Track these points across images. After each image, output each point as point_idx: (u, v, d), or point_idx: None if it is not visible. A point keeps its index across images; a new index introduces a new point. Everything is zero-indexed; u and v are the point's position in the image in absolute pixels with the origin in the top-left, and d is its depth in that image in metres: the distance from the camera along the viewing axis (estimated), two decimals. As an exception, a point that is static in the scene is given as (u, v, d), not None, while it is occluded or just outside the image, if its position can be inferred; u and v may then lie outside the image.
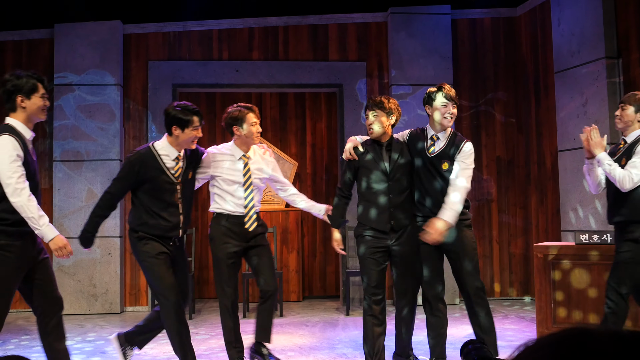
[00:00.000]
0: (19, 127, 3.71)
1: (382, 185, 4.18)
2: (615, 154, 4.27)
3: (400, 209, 4.20)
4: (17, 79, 3.69)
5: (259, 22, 7.94)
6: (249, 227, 4.34)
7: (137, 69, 7.79)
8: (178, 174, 4.18)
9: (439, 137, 4.24)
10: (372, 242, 4.20)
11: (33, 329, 6.38)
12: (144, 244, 4.13)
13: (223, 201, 4.37)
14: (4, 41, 7.75)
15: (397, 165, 4.19)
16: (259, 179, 4.46)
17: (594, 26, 6.40)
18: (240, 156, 4.40)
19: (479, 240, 7.96)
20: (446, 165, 4.18)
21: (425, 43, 7.79)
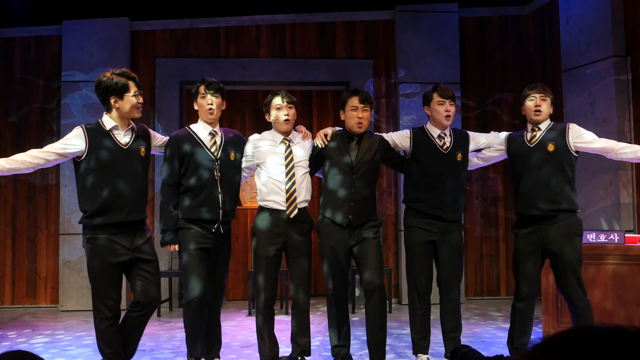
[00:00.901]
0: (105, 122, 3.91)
1: (345, 178, 4.20)
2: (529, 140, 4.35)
3: (361, 205, 4.20)
4: (107, 81, 3.85)
5: (266, 19, 7.95)
6: (289, 213, 4.14)
7: (145, 66, 7.80)
8: (214, 149, 4.15)
9: (445, 133, 4.39)
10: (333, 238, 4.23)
11: (39, 325, 6.42)
12: (182, 235, 4.09)
13: (267, 190, 4.20)
14: (12, 38, 7.77)
15: (363, 160, 4.22)
16: (304, 160, 4.29)
17: (602, 24, 6.37)
18: (282, 140, 4.28)
19: (485, 239, 7.95)
20: (460, 156, 4.34)
21: (432, 41, 7.77)
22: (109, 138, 3.87)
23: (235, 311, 7.21)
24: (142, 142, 4.02)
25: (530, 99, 4.31)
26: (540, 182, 4.16)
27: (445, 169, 4.30)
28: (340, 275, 4.27)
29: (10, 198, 7.64)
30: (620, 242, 5.02)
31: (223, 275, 4.30)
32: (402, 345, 5.31)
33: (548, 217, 4.16)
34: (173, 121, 7.74)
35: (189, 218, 4.09)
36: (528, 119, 4.36)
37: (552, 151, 4.18)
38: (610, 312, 5.02)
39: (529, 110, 4.30)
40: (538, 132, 4.27)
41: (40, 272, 7.65)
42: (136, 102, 3.91)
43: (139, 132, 4.06)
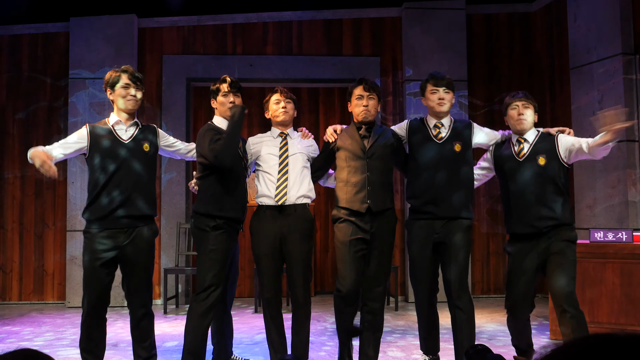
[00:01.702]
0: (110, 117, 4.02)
1: (360, 163, 4.06)
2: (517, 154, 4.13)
3: (379, 189, 4.05)
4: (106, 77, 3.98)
5: (273, 16, 7.94)
6: (278, 201, 4.02)
7: (152, 63, 7.81)
8: (240, 146, 4.13)
9: (442, 123, 4.20)
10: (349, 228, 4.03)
11: (46, 321, 6.44)
12: (215, 237, 3.99)
13: (262, 185, 4.14)
14: (20, 34, 7.79)
15: (377, 144, 4.09)
16: (300, 154, 4.19)
17: (610, 22, 6.34)
18: (279, 134, 4.26)
19: (492, 236, 7.93)
20: (459, 147, 4.12)
21: (439, 38, 7.75)
22: (109, 133, 3.93)
23: (243, 308, 7.21)
24: (146, 138, 4.02)
25: (512, 108, 4.12)
26: (534, 198, 3.95)
27: (439, 160, 4.09)
28: (354, 274, 4.01)
29: (17, 194, 7.66)
30: (629, 241, 5.00)
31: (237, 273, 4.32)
32: (409, 345, 5.30)
33: (542, 233, 3.95)
34: (179, 118, 7.74)
35: (226, 217, 4.02)
36: (512, 129, 4.17)
37: (544, 165, 3.98)
38: (618, 311, 5.00)
39: (512, 120, 4.11)
40: (525, 145, 4.06)
41: (47, 269, 7.68)
42: (125, 93, 3.94)
43: (145, 128, 4.07)
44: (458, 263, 4.04)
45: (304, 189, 4.13)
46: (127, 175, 3.87)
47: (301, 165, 4.17)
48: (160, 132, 4.21)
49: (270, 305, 4.14)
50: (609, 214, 6.36)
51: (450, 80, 4.24)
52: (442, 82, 4.17)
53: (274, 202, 4.06)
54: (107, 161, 3.86)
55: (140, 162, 3.94)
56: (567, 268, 3.89)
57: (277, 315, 4.16)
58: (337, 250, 4.06)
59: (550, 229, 3.95)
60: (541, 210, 3.95)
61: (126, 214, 3.85)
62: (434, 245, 4.10)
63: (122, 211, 3.84)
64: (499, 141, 4.26)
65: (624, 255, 4.99)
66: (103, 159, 3.86)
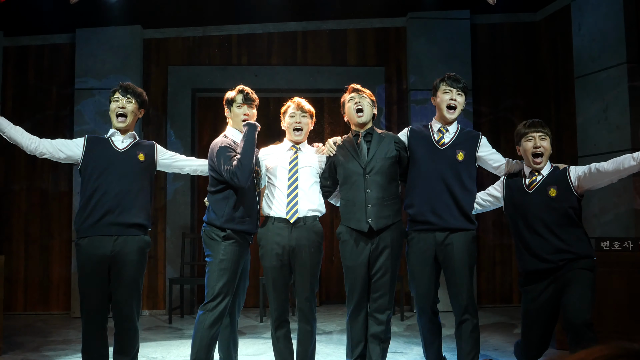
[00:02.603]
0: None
1: (358, 179, 3.97)
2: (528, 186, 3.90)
3: (380, 206, 3.94)
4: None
5: (278, 27, 7.97)
6: (289, 217, 3.96)
7: (157, 74, 7.84)
8: None
9: (447, 129, 4.06)
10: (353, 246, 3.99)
11: (52, 331, 6.43)
12: (225, 247, 3.96)
13: (271, 197, 4.09)
14: (26, 46, 7.84)
15: (375, 157, 3.99)
16: (310, 167, 4.12)
17: (615, 31, 6.34)
18: (290, 146, 4.19)
19: (498, 246, 7.90)
20: (462, 155, 3.97)
21: (444, 48, 7.76)
22: (105, 142, 4.03)
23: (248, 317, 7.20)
24: (142, 149, 4.06)
25: (528, 139, 3.85)
26: (546, 232, 3.75)
27: (439, 167, 3.94)
28: (360, 291, 4.00)
29: (23, 205, 7.68)
30: (635, 250, 4.98)
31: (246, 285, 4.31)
32: (415, 354, 5.28)
33: (559, 267, 3.72)
34: (185, 128, 7.76)
35: (236, 229, 3.99)
36: (526, 163, 3.90)
37: (554, 196, 3.75)
38: (625, 320, 4.97)
39: (527, 153, 3.84)
40: (538, 177, 3.85)
41: (53, 279, 7.68)
42: (115, 108, 4.04)
43: (142, 142, 4.14)
44: (463, 277, 3.94)
45: (314, 202, 4.08)
46: (118, 182, 3.89)
47: (311, 178, 4.11)
48: (158, 148, 4.23)
49: (277, 317, 4.09)
50: (615, 222, 6.34)
51: (466, 85, 4.11)
52: (457, 84, 4.05)
53: (283, 215, 4.02)
54: (98, 167, 3.91)
55: (133, 171, 3.96)
56: (582, 295, 3.66)
57: (284, 325, 4.11)
58: (345, 270, 4.05)
59: (566, 263, 3.72)
60: (555, 244, 3.73)
61: (114, 221, 3.85)
62: (435, 257, 4.00)
63: (110, 217, 3.85)
64: (505, 172, 4.04)
65: (630, 265, 4.97)
66: (95, 165, 3.92)
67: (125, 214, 3.88)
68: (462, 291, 3.94)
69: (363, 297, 4.03)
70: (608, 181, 3.79)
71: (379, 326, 4.01)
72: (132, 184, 3.93)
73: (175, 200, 7.69)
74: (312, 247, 4.03)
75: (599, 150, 6.32)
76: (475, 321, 3.98)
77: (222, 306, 3.91)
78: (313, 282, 4.08)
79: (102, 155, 3.94)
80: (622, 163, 3.62)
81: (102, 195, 3.86)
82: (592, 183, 3.80)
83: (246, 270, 4.23)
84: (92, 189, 3.88)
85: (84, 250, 3.86)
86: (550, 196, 3.76)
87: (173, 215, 7.67)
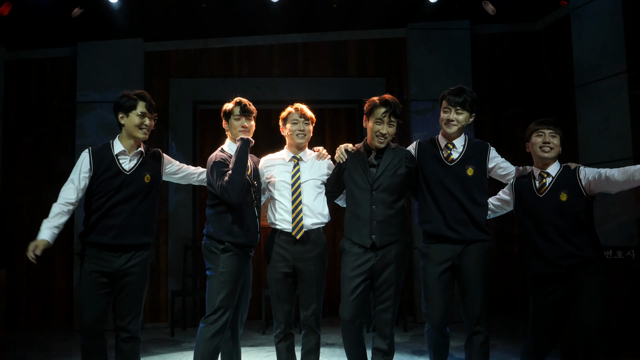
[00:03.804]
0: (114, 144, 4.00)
1: (365, 195, 3.95)
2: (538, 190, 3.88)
3: (385, 224, 3.94)
4: (120, 98, 3.96)
5: (278, 39, 7.99)
6: (295, 234, 4.01)
7: (158, 86, 7.85)
8: (249, 172, 4.10)
9: (454, 144, 4.04)
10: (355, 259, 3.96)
11: (54, 345, 6.41)
12: (225, 259, 3.99)
13: (274, 210, 4.13)
14: (28, 59, 7.87)
15: (384, 174, 3.96)
16: (313, 180, 4.15)
17: (615, 40, 6.34)
18: (291, 158, 4.21)
19: (501, 256, 7.87)
20: (471, 170, 3.96)
21: (444, 59, 7.77)
22: (112, 162, 3.90)
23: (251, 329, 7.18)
24: (148, 168, 4.01)
25: (538, 134, 3.90)
26: (557, 236, 3.74)
27: (450, 183, 3.93)
28: (359, 305, 3.98)
29: (25, 219, 7.67)
30: (638, 259, 4.96)
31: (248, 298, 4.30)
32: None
33: (570, 272, 3.73)
34: (186, 140, 7.77)
35: (235, 242, 4.01)
36: (534, 158, 3.93)
37: (565, 200, 3.75)
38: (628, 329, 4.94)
39: (536, 146, 3.88)
40: (547, 180, 3.85)
41: (55, 293, 7.67)
42: (139, 122, 3.92)
43: (149, 157, 4.06)
44: (478, 288, 3.91)
45: (318, 214, 4.11)
46: (124, 206, 3.87)
47: (314, 191, 4.13)
48: (165, 158, 4.20)
49: (282, 330, 4.11)
50: (618, 231, 6.32)
51: (468, 98, 4.03)
52: (457, 101, 4.00)
53: (289, 230, 4.04)
54: (104, 189, 3.86)
55: (139, 194, 3.93)
56: (593, 300, 3.64)
57: (288, 337, 4.14)
58: (342, 281, 4.02)
59: (576, 268, 3.71)
60: (567, 249, 3.72)
61: (121, 243, 3.85)
62: (451, 270, 3.96)
63: (117, 240, 3.84)
64: (515, 176, 4.05)
65: (633, 274, 4.95)
66: (101, 187, 3.87)
67: (132, 236, 3.89)
68: (476, 303, 3.91)
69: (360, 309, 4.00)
70: (619, 189, 3.75)
71: (384, 340, 3.99)
72: (138, 207, 3.93)
73: (177, 213, 7.68)
74: (317, 259, 4.07)
75: (600, 160, 6.31)
76: (486, 334, 3.95)
77: (223, 319, 3.93)
78: (319, 294, 4.11)
79: (108, 178, 3.88)
80: (633, 175, 3.57)
81: (109, 218, 3.85)
82: (601, 189, 3.78)
83: (248, 283, 4.23)
84: (98, 210, 3.86)
85: (87, 265, 3.85)
86: (561, 201, 3.75)
87: (175, 227, 7.67)
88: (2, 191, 7.65)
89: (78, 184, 3.87)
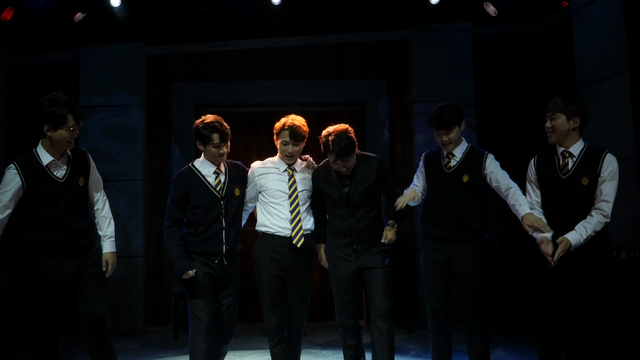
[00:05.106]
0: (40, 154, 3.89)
1: (342, 210, 4.18)
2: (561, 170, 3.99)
3: (364, 233, 4.18)
4: (43, 108, 3.83)
5: (280, 41, 8.00)
6: (296, 242, 4.19)
7: (161, 90, 7.86)
8: (219, 188, 4.20)
9: (454, 154, 4.23)
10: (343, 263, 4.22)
11: (58, 349, 6.41)
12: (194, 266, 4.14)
13: (269, 216, 4.27)
14: (31, 64, 7.88)
15: (359, 189, 4.17)
16: (307, 190, 4.35)
17: (617, 40, 6.34)
18: (285, 168, 4.34)
19: (504, 258, 7.86)
20: (466, 177, 4.14)
21: (446, 60, 7.78)
22: (44, 174, 3.84)
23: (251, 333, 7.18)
24: (79, 172, 3.99)
25: (545, 119, 4.05)
26: (576, 215, 3.88)
27: (447, 188, 4.17)
28: (351, 306, 4.24)
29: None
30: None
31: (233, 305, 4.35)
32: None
33: (581, 247, 3.87)
34: (189, 144, 7.77)
35: (194, 251, 4.16)
36: None
37: (586, 185, 3.89)
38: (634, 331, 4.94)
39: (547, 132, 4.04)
40: (570, 161, 3.96)
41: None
42: (69, 136, 3.85)
43: (76, 160, 4.02)
44: (472, 289, 4.09)
45: (310, 222, 4.34)
46: (68, 212, 3.89)
47: (307, 201, 4.35)
48: (91, 163, 4.15)
49: (275, 332, 4.25)
50: (622, 232, 6.31)
51: (449, 116, 4.13)
52: (441, 125, 4.14)
53: (284, 234, 4.21)
54: (45, 203, 3.83)
55: (77, 197, 3.97)
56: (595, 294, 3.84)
57: (282, 340, 4.28)
58: (332, 283, 4.29)
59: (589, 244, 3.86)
60: None
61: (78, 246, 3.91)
62: (446, 266, 4.16)
63: (67, 247, 3.87)
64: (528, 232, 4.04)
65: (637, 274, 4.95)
66: (40, 200, 3.84)
67: (80, 239, 3.98)
68: (471, 301, 4.08)
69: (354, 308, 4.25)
70: None
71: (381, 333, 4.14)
72: (79, 211, 4.02)
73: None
74: (306, 262, 4.29)
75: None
76: (483, 332, 4.11)
77: (198, 324, 4.07)
78: (307, 295, 4.33)
79: (43, 189, 3.87)
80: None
81: (52, 229, 3.88)
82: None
83: (228, 287, 4.27)
84: (39, 221, 3.87)
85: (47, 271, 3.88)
86: (582, 185, 3.90)
87: (178, 230, 7.66)
88: (6, 196, 7.67)
89: (5, 202, 3.81)
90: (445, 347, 4.19)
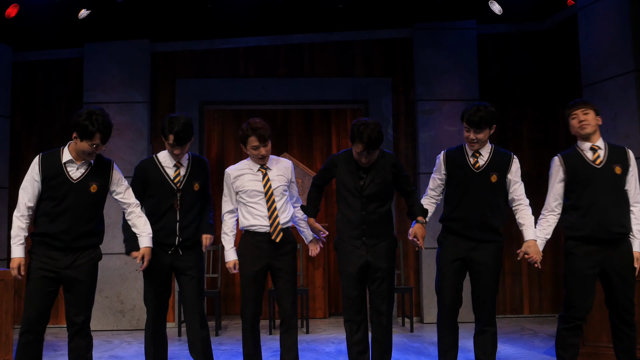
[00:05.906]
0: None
1: (355, 201, 4.25)
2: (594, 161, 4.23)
3: (375, 226, 4.26)
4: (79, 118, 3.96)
5: (285, 39, 7.99)
6: (275, 238, 4.32)
7: (165, 87, 7.87)
8: (177, 180, 4.34)
9: (480, 153, 4.28)
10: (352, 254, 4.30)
11: (62, 345, 6.44)
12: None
13: (249, 216, 4.40)
14: (35, 61, 7.89)
15: (373, 182, 4.24)
16: (282, 186, 4.46)
17: (622, 39, 6.32)
18: (258, 168, 4.44)
19: (508, 256, 7.84)
20: (495, 177, 4.24)
21: (451, 58, 7.76)
22: (60, 170, 4.00)
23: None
24: (96, 178, 4.07)
25: (572, 117, 4.27)
26: (610, 206, 4.12)
27: (475, 188, 4.24)
28: (359, 301, 4.30)
29: (32, 219, 7.69)
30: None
31: (193, 296, 4.50)
32: (425, 364, 5.25)
33: (614, 240, 4.12)
34: (193, 140, 7.77)
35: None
36: (578, 137, 4.30)
37: (619, 174, 4.17)
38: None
39: (575, 127, 4.27)
40: (601, 152, 4.22)
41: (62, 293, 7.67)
42: (90, 150, 3.96)
43: (97, 167, 4.10)
44: (489, 287, 4.24)
45: (288, 215, 4.47)
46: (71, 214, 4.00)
47: (283, 196, 4.46)
48: (113, 174, 4.23)
49: (253, 324, 4.43)
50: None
51: (484, 116, 4.20)
52: (473, 123, 4.19)
53: (264, 230, 4.34)
54: (54, 199, 3.99)
55: (86, 201, 4.04)
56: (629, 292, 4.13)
57: (258, 332, 4.48)
58: (341, 277, 4.37)
59: (621, 237, 4.13)
60: (617, 219, 4.11)
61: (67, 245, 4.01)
62: (462, 260, 4.28)
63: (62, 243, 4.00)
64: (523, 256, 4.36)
65: None
66: (50, 194, 4.01)
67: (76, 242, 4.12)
68: (487, 299, 4.23)
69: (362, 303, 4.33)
70: None
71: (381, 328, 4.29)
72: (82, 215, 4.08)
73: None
74: (290, 254, 4.45)
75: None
76: (494, 329, 4.27)
77: (149, 317, 4.46)
78: (294, 286, 4.46)
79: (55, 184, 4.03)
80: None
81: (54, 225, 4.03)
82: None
83: (186, 277, 4.44)
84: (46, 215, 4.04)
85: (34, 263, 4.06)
86: (616, 174, 4.17)
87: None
88: (11, 192, 7.68)
89: (33, 193, 4.05)
90: (453, 342, 4.31)
